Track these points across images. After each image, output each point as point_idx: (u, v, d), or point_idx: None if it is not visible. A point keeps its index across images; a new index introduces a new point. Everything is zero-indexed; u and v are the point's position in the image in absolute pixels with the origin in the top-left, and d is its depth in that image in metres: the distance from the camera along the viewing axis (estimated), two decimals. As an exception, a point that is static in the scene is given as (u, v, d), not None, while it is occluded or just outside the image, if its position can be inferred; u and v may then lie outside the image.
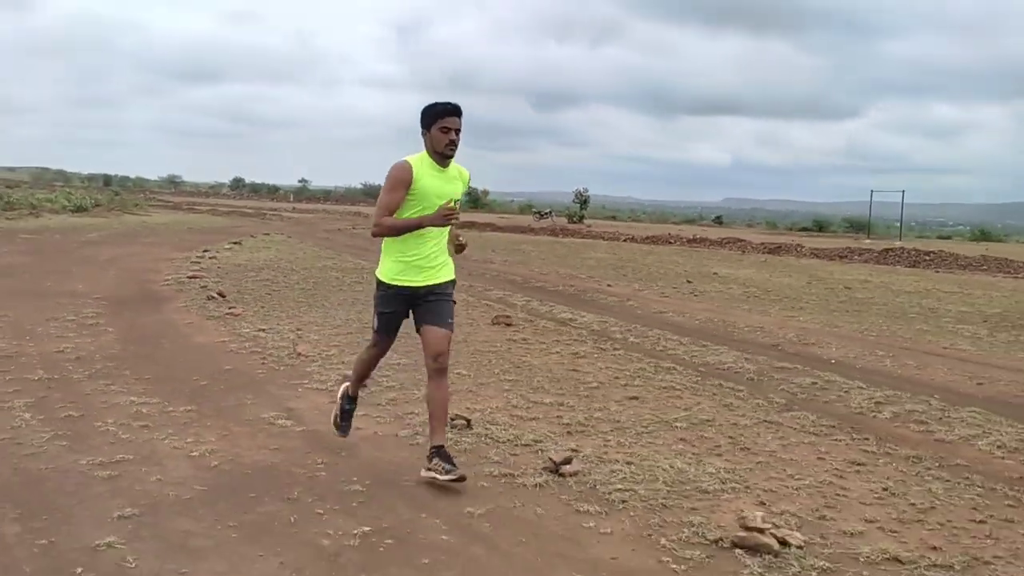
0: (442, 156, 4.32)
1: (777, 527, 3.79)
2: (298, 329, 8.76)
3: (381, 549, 3.60)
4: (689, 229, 42.75)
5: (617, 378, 7.19)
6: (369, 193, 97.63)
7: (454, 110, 4.29)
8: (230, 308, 9.81)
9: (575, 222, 48.17)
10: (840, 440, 5.56)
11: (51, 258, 15.21)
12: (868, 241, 35.64)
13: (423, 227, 4.31)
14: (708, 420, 5.91)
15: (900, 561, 3.67)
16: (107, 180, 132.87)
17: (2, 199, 31.83)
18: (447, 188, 4.36)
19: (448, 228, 4.45)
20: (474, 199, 78.08)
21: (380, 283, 4.50)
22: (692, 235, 33.15)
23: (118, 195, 55.22)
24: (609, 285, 14.97)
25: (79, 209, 32.97)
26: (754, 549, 3.64)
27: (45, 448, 4.67)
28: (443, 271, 4.46)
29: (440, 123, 4.26)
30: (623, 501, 4.23)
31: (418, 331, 4.43)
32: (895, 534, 3.99)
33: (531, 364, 7.60)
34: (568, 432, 5.45)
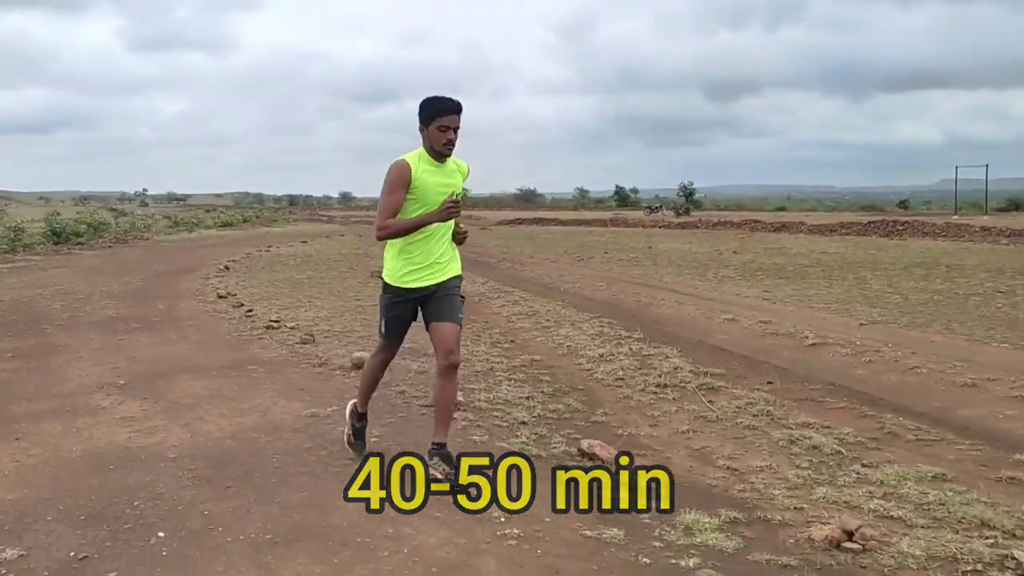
0: (439, 155, 4.28)
1: (294, 326, 9.33)
2: (241, 282, 14.66)
3: (148, 322, 9.37)
4: (791, 216, 46.07)
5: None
6: (521, 198, 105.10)
7: (453, 107, 4.21)
8: (219, 275, 15.91)
9: (682, 214, 52.80)
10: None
11: (161, 254, 22.07)
12: (955, 217, 38.83)
13: (428, 224, 4.28)
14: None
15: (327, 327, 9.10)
16: (292, 200, 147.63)
17: (169, 219, 40.52)
18: (446, 183, 4.32)
19: (453, 224, 4.44)
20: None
21: (387, 286, 4.47)
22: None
23: (278, 211, 64.75)
24: (531, 257, 20.28)
25: (225, 224, 41.19)
26: (271, 327, 9.17)
27: (54, 313, 10.68)
28: (450, 267, 4.43)
29: (439, 121, 4.19)
30: (286, 328, 9.83)
31: (427, 328, 4.41)
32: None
33: (354, 290, 13.16)
34: (302, 307, 10.99)
